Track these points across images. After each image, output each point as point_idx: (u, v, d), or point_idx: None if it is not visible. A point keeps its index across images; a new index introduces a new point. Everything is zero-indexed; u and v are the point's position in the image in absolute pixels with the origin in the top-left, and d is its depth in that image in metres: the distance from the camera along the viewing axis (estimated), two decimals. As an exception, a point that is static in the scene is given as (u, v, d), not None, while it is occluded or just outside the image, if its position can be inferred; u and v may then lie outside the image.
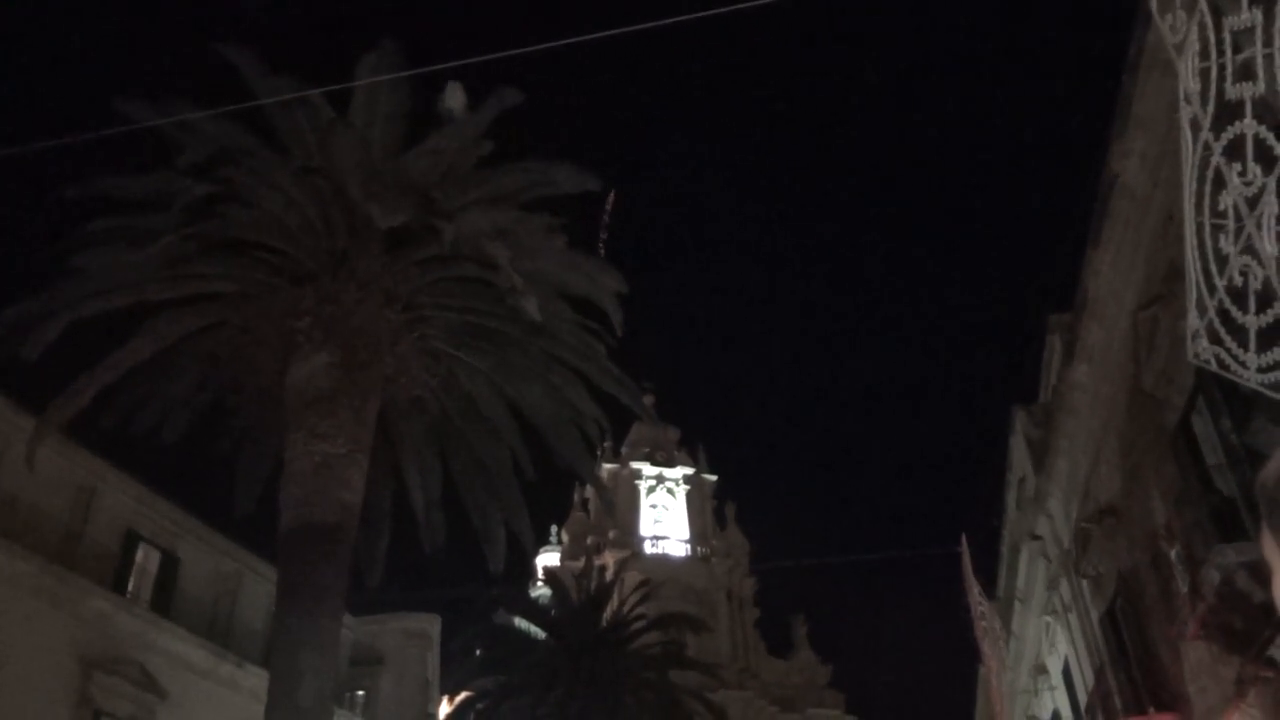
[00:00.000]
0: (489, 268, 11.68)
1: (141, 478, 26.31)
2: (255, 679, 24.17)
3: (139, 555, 26.08)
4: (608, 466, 60.96)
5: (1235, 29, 2.87)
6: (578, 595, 27.56)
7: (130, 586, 25.55)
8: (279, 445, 12.22)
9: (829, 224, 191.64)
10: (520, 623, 29.48)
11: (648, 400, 55.19)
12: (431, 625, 41.32)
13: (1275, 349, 3.65)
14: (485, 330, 13.18)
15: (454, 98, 12.30)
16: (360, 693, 36.32)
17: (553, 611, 27.61)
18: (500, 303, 12.22)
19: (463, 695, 26.48)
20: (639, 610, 27.12)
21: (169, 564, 27.11)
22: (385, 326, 12.33)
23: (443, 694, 38.35)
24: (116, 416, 13.22)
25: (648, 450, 68.30)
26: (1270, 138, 2.67)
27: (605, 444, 61.19)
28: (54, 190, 12.26)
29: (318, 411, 11.56)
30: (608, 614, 26.60)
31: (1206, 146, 2.91)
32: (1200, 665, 12.00)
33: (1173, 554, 11.93)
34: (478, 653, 27.45)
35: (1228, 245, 2.84)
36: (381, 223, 11.41)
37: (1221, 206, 2.83)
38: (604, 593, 27.31)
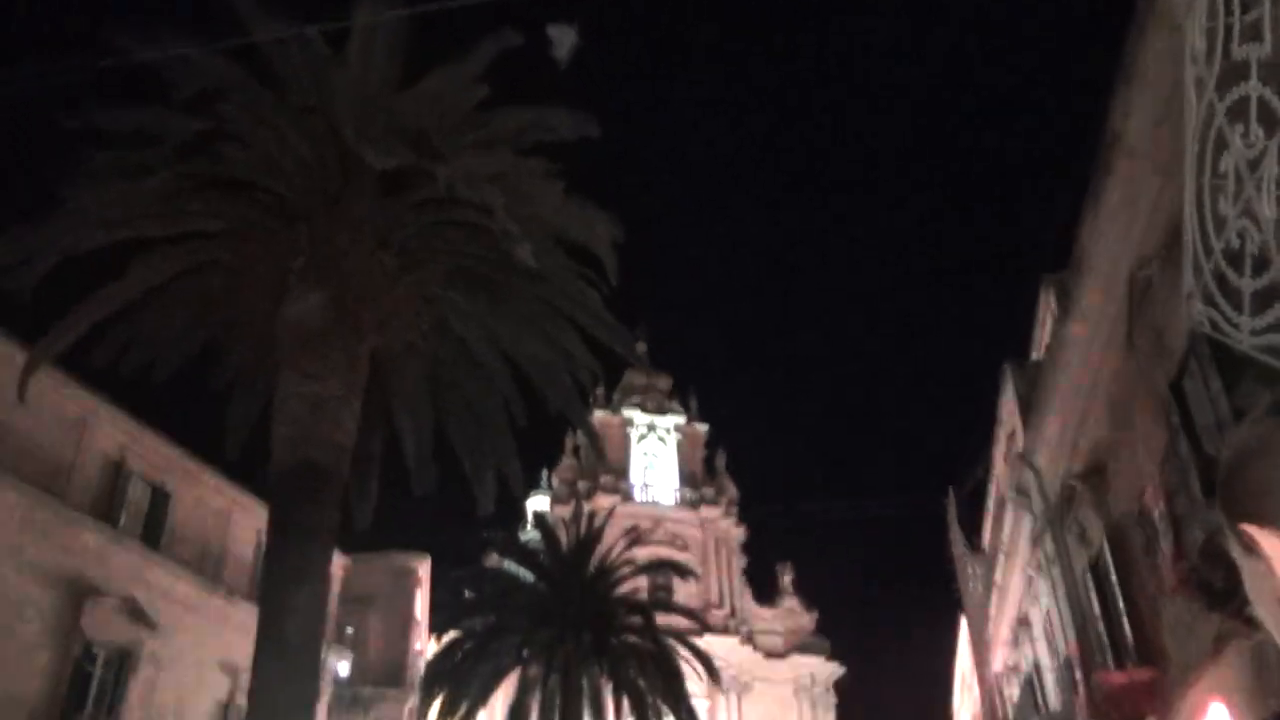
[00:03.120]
0: (484, 213, 11.62)
1: (133, 413, 26.37)
2: (245, 613, 24.44)
3: (130, 489, 26.22)
4: (599, 413, 61.19)
5: (1244, -12, 2.84)
6: (567, 539, 27.78)
7: (121, 520, 25.71)
8: (271, 384, 12.23)
9: (825, 176, 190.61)
10: (509, 565, 29.76)
11: (640, 348, 55.32)
12: (421, 565, 41.79)
13: (1268, 312, 3.64)
14: (479, 276, 13.14)
15: (563, 41, 12.10)
16: (349, 629, 36.80)
17: (542, 555, 27.81)
18: (495, 248, 12.17)
19: (451, 635, 26.75)
20: (627, 555, 27.37)
21: (159, 499, 27.28)
22: (379, 269, 12.29)
23: (431, 633, 38.85)
24: (109, 352, 13.20)
25: (639, 398, 68.50)
26: (1274, 100, 2.64)
27: (597, 391, 61.42)
28: (45, 122, 12.13)
29: (310, 352, 11.56)
30: (596, 558, 26.83)
31: (1210, 107, 2.88)
32: (1180, 622, 12.17)
33: (1157, 513, 12.04)
34: (466, 594, 27.74)
35: (1227, 207, 2.83)
36: (376, 164, 11.32)
37: (1222, 168, 2.81)
38: (593, 537, 27.49)
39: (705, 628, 40.99)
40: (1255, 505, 1.03)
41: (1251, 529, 1.03)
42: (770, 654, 62.44)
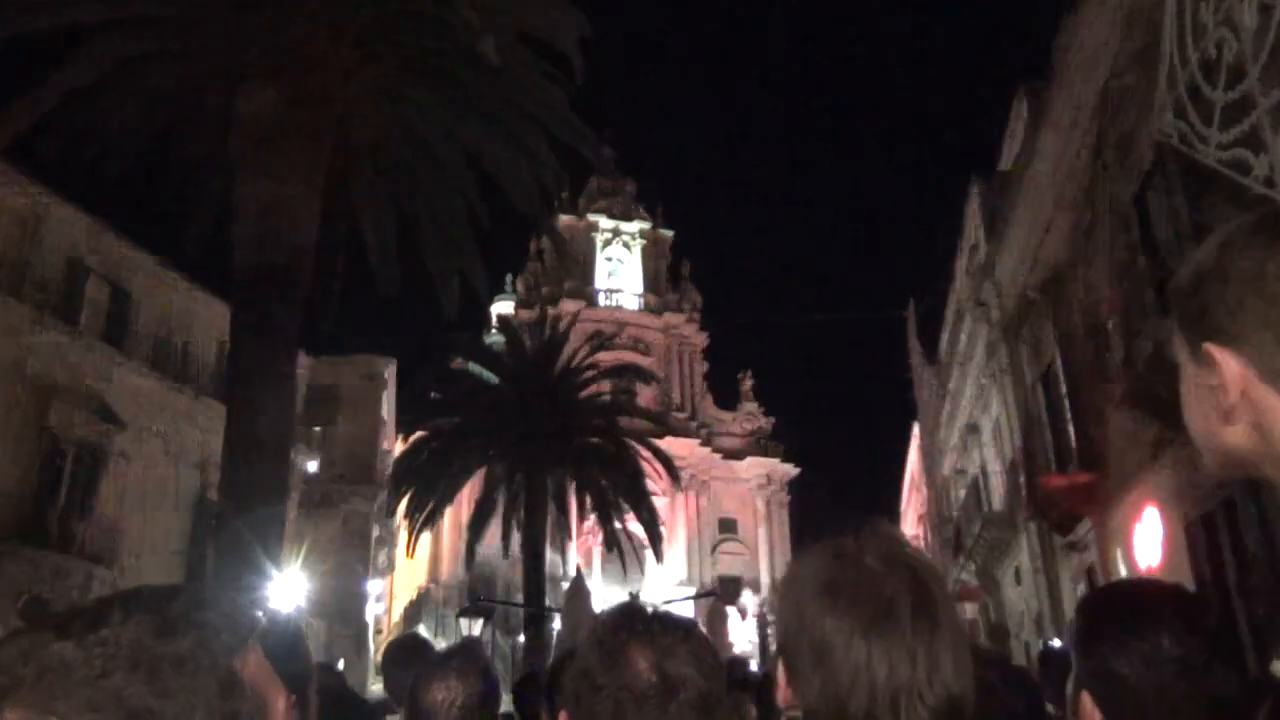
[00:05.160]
0: (443, 3, 11.11)
1: (88, 210, 25.72)
2: (213, 412, 24.63)
3: (89, 288, 25.87)
4: (564, 218, 60.68)
5: None
6: (531, 343, 27.97)
7: (82, 319, 25.47)
8: (228, 182, 11.93)
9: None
10: (474, 368, 30.04)
11: (607, 152, 54.34)
12: (387, 367, 42.17)
13: (1237, 126, 3.61)
14: (442, 72, 12.67)
15: None
16: (317, 429, 37.39)
17: (506, 358, 28.05)
18: (456, 42, 11.70)
19: (417, 434, 27.24)
20: (591, 359, 27.68)
21: (120, 298, 26.98)
22: (337, 62, 11.81)
23: (398, 433, 39.59)
24: (57, 145, 12.72)
25: (605, 203, 67.96)
26: (1267, -100, 2.55)
27: (563, 195, 60.66)
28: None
29: (267, 149, 11.22)
30: (560, 362, 27.11)
31: (1201, -93, 2.78)
32: (1122, 430, 12.64)
33: (1111, 325, 12.30)
34: (433, 394, 28.07)
35: (1207, 15, 2.76)
36: (330, -55, 10.72)
37: (1207, -27, 2.73)
38: (557, 341, 27.71)
39: (666, 429, 42.01)
40: (1213, 322, 1.05)
41: (1213, 347, 1.05)
42: (729, 455, 64.56)
